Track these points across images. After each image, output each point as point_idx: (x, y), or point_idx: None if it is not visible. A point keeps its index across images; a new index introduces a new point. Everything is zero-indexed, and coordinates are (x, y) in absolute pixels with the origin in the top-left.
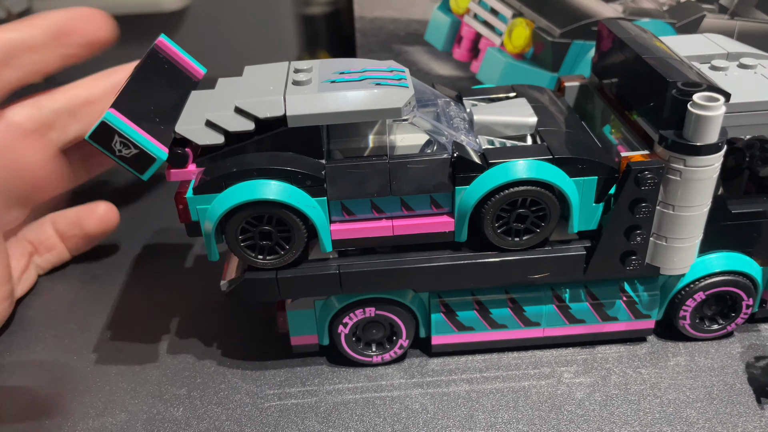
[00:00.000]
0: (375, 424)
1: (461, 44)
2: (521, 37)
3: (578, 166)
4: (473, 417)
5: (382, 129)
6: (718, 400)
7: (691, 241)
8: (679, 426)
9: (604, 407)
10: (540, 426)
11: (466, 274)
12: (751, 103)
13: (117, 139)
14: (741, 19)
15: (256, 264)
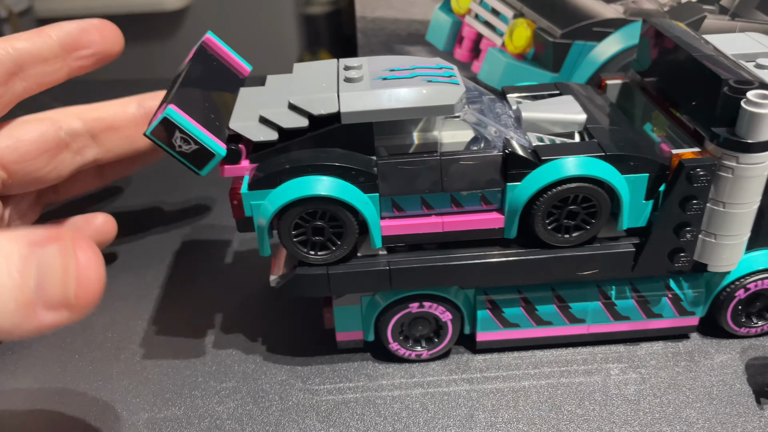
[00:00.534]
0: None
1: (462, 44)
2: (522, 38)
3: (630, 163)
4: (474, 416)
5: (426, 126)
6: (718, 401)
7: (740, 238)
8: (679, 426)
9: (603, 407)
10: (540, 426)
11: (514, 270)
12: None
13: (178, 135)
14: (741, 20)
15: (307, 259)
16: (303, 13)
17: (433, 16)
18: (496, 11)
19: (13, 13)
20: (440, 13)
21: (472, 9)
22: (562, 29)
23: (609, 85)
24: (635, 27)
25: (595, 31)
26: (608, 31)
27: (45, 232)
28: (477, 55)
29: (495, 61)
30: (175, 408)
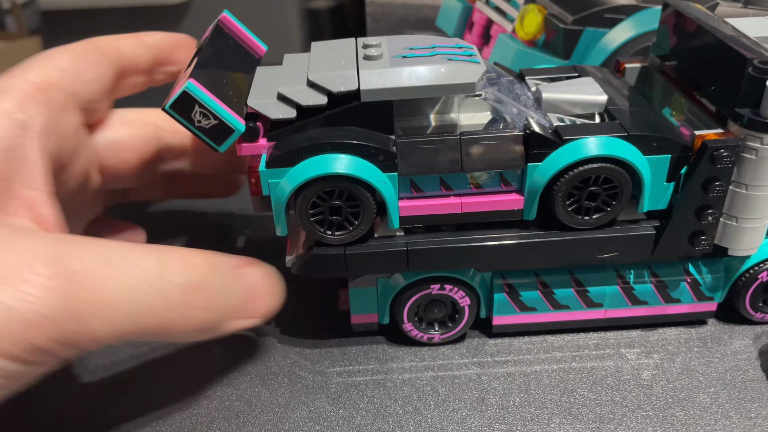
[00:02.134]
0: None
1: (473, 30)
2: (533, 24)
3: (652, 143)
4: (485, 399)
5: (443, 108)
6: (731, 386)
7: (762, 221)
8: (692, 410)
9: (616, 391)
10: (552, 409)
11: (533, 253)
12: None
13: (197, 110)
14: (754, 8)
15: (324, 239)
16: (306, 7)
17: (444, 1)
18: None
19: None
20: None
21: None
22: (573, 15)
23: (628, 68)
24: (647, 13)
25: (606, 17)
26: (620, 17)
27: (239, 257)
28: (487, 42)
29: (506, 47)
30: (184, 389)
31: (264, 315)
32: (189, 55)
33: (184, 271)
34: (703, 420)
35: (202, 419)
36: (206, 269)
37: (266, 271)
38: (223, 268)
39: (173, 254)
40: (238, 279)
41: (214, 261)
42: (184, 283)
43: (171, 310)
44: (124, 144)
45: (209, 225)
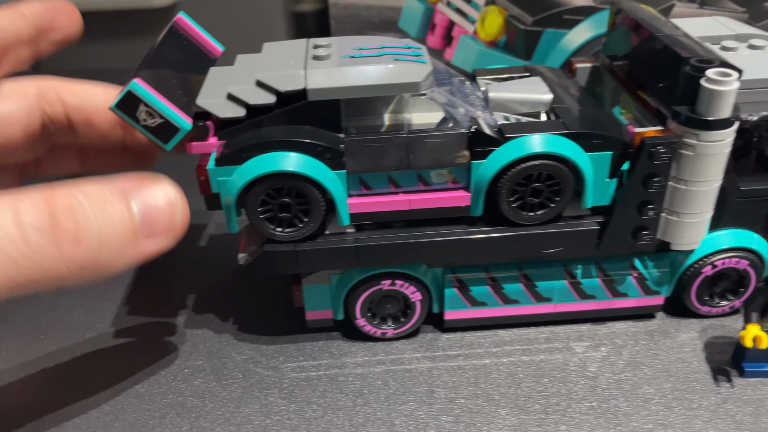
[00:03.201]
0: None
1: (435, 31)
2: (494, 25)
3: (593, 140)
4: (434, 392)
5: (396, 108)
6: (675, 377)
7: (702, 216)
8: (635, 401)
9: (562, 383)
10: (498, 401)
11: (480, 248)
12: (763, 80)
13: (142, 109)
14: (710, 9)
15: (274, 236)
16: (292, 11)
17: (406, 2)
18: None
19: None
20: (413, 1)
21: None
22: (533, 17)
23: (578, 68)
24: (605, 15)
25: (565, 18)
26: (579, 18)
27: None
28: (450, 43)
29: (467, 48)
30: (138, 385)
31: (168, 231)
32: (71, 20)
33: (41, 211)
34: (645, 411)
35: (154, 414)
36: (69, 201)
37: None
38: (94, 195)
39: (29, 194)
40: (118, 202)
41: (82, 189)
42: (43, 222)
43: (38, 254)
44: (5, 119)
45: None
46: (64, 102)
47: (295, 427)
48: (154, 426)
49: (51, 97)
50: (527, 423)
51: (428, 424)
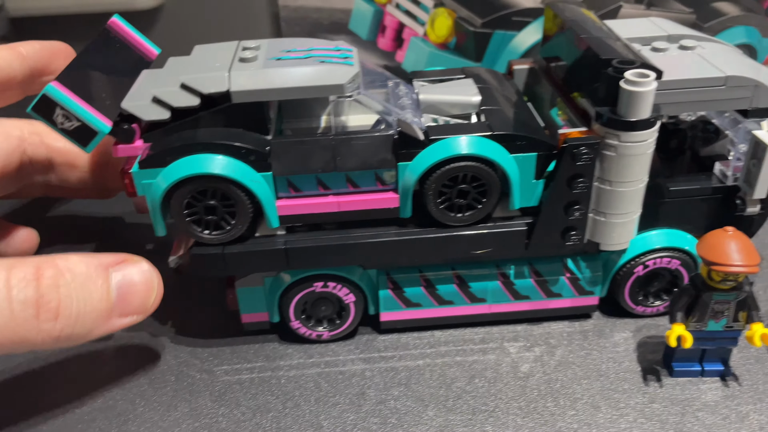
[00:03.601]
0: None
1: (385, 34)
2: (443, 27)
3: (517, 142)
4: (364, 394)
5: (334, 110)
6: (605, 377)
7: (629, 216)
8: (563, 401)
9: (492, 384)
10: (428, 402)
11: (410, 249)
12: (683, 81)
13: (59, 112)
14: (657, 10)
15: (201, 239)
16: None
17: (355, 5)
18: (416, 0)
19: None
20: (362, 3)
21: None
22: (481, 19)
23: (516, 70)
24: None
25: (514, 20)
26: (527, 20)
27: (114, 255)
28: (400, 45)
29: (418, 50)
30: (69, 388)
31: (141, 312)
32: (66, 63)
33: (30, 285)
34: (572, 411)
35: (84, 418)
36: (55, 279)
37: (138, 266)
38: (79, 273)
39: (22, 267)
40: (100, 281)
41: (69, 267)
42: (28, 297)
43: (19, 325)
44: None
45: (100, 225)
46: (47, 145)
47: (223, 430)
48: (82, 430)
49: (34, 139)
50: (454, 423)
51: (356, 426)
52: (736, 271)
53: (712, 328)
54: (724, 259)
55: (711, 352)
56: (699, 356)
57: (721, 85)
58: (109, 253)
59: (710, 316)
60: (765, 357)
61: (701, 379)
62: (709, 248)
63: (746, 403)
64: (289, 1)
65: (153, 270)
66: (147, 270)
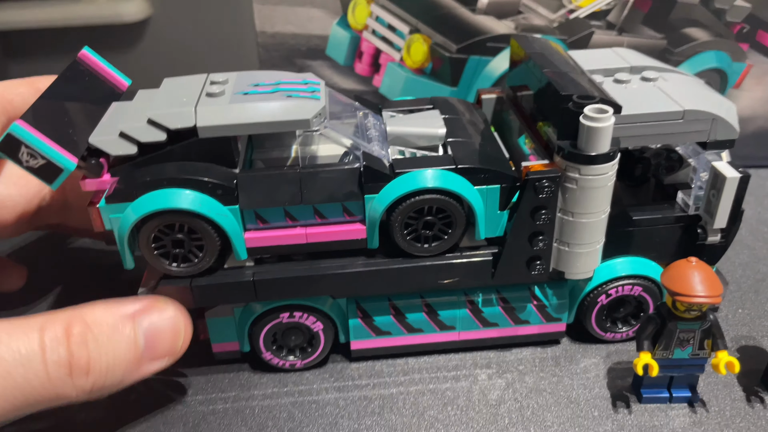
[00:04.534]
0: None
1: (362, 59)
2: (419, 53)
3: (481, 175)
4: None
5: (305, 141)
6: (575, 404)
7: (593, 246)
8: (533, 429)
9: (465, 412)
10: (401, 431)
11: (378, 280)
12: (642, 115)
13: (24, 150)
14: (628, 36)
15: (170, 272)
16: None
17: (332, 31)
18: (392, 27)
19: None
20: (338, 29)
21: (369, 24)
22: (457, 44)
23: (484, 99)
24: None
25: (489, 46)
26: (501, 46)
27: (138, 299)
28: (377, 70)
29: (394, 75)
30: (39, 421)
31: (171, 354)
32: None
33: (61, 344)
34: None
35: None
36: (84, 336)
37: (164, 311)
38: (107, 325)
39: (52, 327)
40: (127, 330)
41: (96, 320)
42: (61, 357)
43: (55, 385)
44: (4, 202)
45: (91, 256)
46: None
47: None
48: None
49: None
50: None
51: None
52: (699, 302)
53: (679, 356)
54: (687, 290)
55: (679, 379)
56: (667, 383)
57: (680, 119)
58: (134, 299)
59: (676, 344)
60: (732, 383)
61: (669, 405)
62: (673, 279)
63: (713, 429)
64: (266, 27)
65: (179, 312)
66: (173, 314)
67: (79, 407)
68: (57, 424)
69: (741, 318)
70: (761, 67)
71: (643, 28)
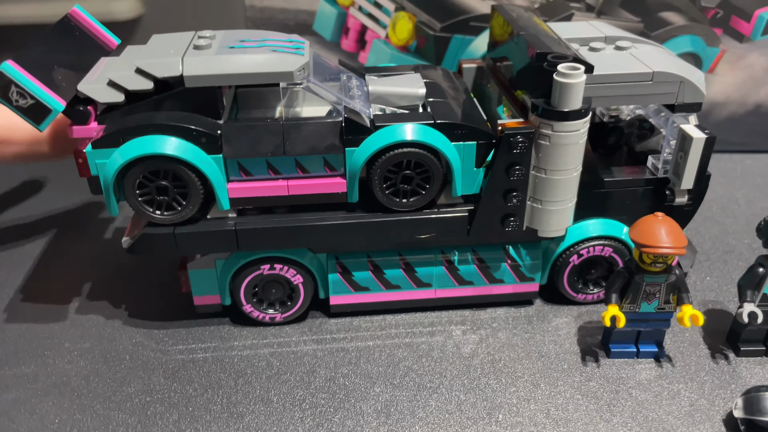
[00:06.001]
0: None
1: (348, 35)
2: (404, 30)
3: (457, 131)
4: (315, 372)
5: (289, 101)
6: (546, 358)
7: (565, 204)
8: (505, 379)
9: (438, 363)
10: (375, 379)
11: (357, 233)
12: (613, 75)
13: (14, 89)
14: (607, 18)
15: (153, 219)
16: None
17: (319, 6)
18: (378, 4)
19: None
20: (326, 4)
21: (356, 1)
22: (441, 23)
23: (465, 68)
24: None
25: (472, 25)
26: (484, 26)
27: None
28: (363, 47)
29: (380, 52)
30: (25, 366)
31: None
32: None
33: None
34: (513, 387)
35: (37, 393)
36: None
37: None
38: None
39: None
40: None
41: None
42: None
43: None
44: None
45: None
46: None
47: (175, 404)
48: (36, 404)
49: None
50: (399, 399)
51: (304, 401)
52: (664, 252)
53: (645, 309)
54: (653, 242)
55: (646, 335)
56: (635, 338)
57: (649, 80)
58: None
59: (643, 297)
60: (699, 341)
61: (637, 360)
62: (640, 232)
63: (678, 381)
64: (255, 2)
65: None
66: None
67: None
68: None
69: (709, 284)
70: (734, 52)
71: (620, 11)
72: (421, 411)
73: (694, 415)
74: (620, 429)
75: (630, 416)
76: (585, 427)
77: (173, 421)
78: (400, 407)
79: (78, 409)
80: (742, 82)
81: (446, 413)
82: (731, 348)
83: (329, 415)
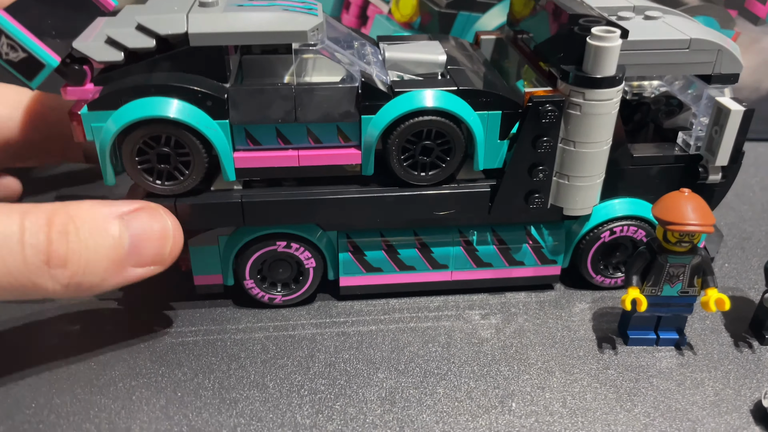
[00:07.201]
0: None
1: (350, 10)
2: (408, 6)
3: (482, 99)
4: (314, 356)
5: (298, 70)
6: (560, 344)
7: (593, 180)
8: (517, 366)
9: (446, 349)
10: (379, 364)
11: (372, 208)
12: (648, 41)
13: (4, 41)
14: None
15: (153, 189)
16: None
17: None
18: None
19: None
20: None
21: None
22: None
23: (483, 40)
24: None
25: (479, 2)
26: (492, 3)
27: (129, 202)
28: (365, 22)
29: (382, 28)
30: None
31: (158, 262)
32: None
33: (41, 231)
34: (526, 375)
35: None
36: (65, 226)
37: (154, 214)
38: (91, 220)
39: (35, 213)
40: (112, 228)
41: (81, 214)
42: (40, 242)
43: (31, 270)
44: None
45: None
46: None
47: (162, 389)
48: (11, 388)
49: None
50: (405, 385)
51: (302, 386)
52: (691, 230)
53: (668, 293)
54: (679, 219)
55: (666, 321)
56: (654, 324)
57: (685, 48)
58: (124, 201)
59: (665, 280)
60: (721, 328)
61: (656, 347)
62: (665, 209)
63: (701, 370)
64: None
65: (169, 218)
66: (164, 219)
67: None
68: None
69: (728, 271)
70: (749, 35)
71: None
72: (429, 398)
73: (720, 406)
74: (642, 419)
75: (652, 406)
76: (605, 417)
77: (160, 406)
78: (406, 394)
79: (57, 393)
80: (757, 66)
81: (455, 401)
82: (755, 336)
83: (329, 402)
